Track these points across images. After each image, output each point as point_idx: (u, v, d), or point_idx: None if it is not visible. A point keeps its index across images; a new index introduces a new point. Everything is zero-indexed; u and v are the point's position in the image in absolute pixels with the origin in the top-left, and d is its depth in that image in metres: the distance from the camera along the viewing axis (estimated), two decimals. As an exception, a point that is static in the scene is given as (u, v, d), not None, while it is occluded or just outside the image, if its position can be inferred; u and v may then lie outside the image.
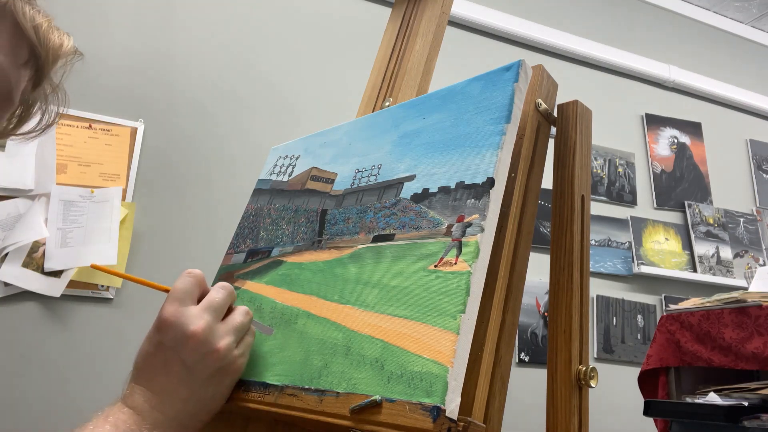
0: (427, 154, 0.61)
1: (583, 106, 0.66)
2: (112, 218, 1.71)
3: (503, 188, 0.53)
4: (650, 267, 2.46)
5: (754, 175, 2.91)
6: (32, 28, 0.54)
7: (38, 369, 1.59)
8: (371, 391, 0.46)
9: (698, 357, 1.41)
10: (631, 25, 2.88)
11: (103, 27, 1.87)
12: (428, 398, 0.42)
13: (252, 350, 0.61)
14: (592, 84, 2.70)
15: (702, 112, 2.90)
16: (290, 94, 2.08)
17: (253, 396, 0.55)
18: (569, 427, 0.56)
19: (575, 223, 0.62)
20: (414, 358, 0.45)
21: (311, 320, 0.58)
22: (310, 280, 0.62)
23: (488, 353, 0.50)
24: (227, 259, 0.79)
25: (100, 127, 1.80)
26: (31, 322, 1.62)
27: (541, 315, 2.24)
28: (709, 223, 2.67)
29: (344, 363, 0.50)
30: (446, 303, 0.47)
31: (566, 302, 0.60)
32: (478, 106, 0.59)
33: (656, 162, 2.70)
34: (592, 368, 0.58)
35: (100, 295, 1.68)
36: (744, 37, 3.19)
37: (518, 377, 2.08)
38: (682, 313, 1.49)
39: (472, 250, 0.48)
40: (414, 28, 0.89)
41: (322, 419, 0.48)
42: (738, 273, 2.63)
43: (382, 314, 0.51)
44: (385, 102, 0.85)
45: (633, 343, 2.36)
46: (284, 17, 2.15)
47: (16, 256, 1.61)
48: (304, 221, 0.70)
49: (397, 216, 0.58)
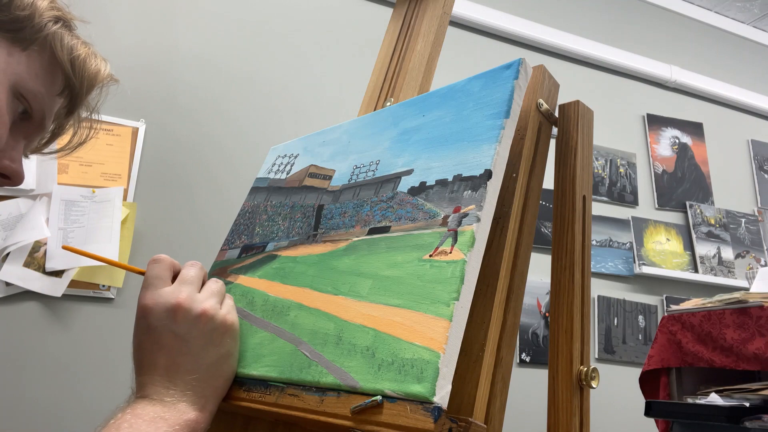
0: (425, 149, 0.61)
1: (585, 107, 0.66)
2: (114, 218, 1.71)
3: (501, 181, 0.53)
4: (651, 267, 2.46)
5: (755, 176, 2.91)
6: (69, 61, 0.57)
7: (39, 369, 1.59)
8: (361, 379, 0.46)
9: (699, 358, 1.41)
10: (633, 26, 2.88)
11: (104, 27, 1.87)
12: (419, 384, 0.42)
13: (242, 342, 0.61)
14: (594, 84, 2.69)
15: (703, 113, 2.90)
16: (292, 94, 2.08)
17: (254, 396, 0.55)
18: (570, 428, 0.56)
19: (576, 224, 0.62)
20: (406, 346, 0.46)
21: (303, 311, 0.58)
22: (303, 273, 0.62)
23: (489, 353, 0.50)
24: (221, 255, 0.79)
25: (102, 127, 1.79)
26: (33, 322, 1.62)
27: (543, 315, 2.23)
28: (710, 223, 2.67)
29: (335, 352, 0.50)
30: (440, 291, 0.47)
31: (567, 303, 0.60)
32: (478, 103, 0.59)
33: (657, 162, 2.70)
34: (593, 369, 0.58)
35: (102, 295, 1.68)
36: (745, 37, 3.19)
37: (519, 378, 2.08)
38: (683, 313, 1.49)
39: (468, 239, 0.48)
40: (415, 28, 0.89)
41: (322, 419, 0.48)
42: (739, 273, 2.62)
43: (375, 304, 0.51)
44: (386, 102, 0.85)
45: (634, 343, 2.36)
46: (285, 18, 2.15)
47: (18, 256, 1.61)
48: (300, 217, 0.70)
49: (394, 209, 0.58)
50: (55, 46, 0.56)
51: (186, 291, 0.56)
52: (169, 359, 0.54)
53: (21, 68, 0.54)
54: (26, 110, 0.56)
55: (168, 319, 0.54)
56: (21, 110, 0.56)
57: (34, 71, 0.55)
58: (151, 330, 0.54)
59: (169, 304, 0.54)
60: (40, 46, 0.55)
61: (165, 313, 0.54)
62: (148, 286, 0.56)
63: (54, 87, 0.58)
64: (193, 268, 0.59)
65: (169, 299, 0.54)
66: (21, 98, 0.55)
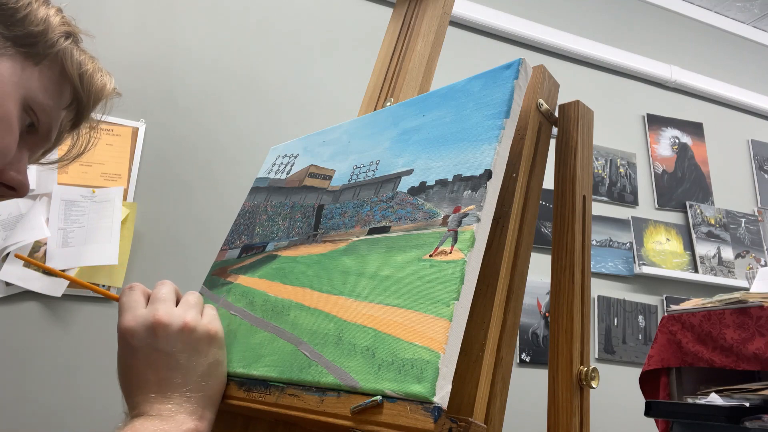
0: (425, 150, 0.61)
1: (585, 107, 0.66)
2: (114, 218, 1.71)
3: (501, 181, 0.53)
4: (651, 267, 2.46)
5: (755, 176, 2.91)
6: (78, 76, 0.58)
7: (40, 369, 1.59)
8: (361, 379, 0.46)
9: (699, 357, 1.41)
10: (633, 26, 2.88)
11: (103, 27, 1.87)
12: (419, 384, 0.42)
13: (242, 342, 0.61)
14: (594, 84, 2.69)
15: (703, 113, 2.90)
16: (292, 94, 2.08)
17: (254, 396, 0.55)
18: (570, 428, 0.56)
19: (576, 224, 0.62)
20: (406, 346, 0.46)
21: (303, 312, 0.58)
22: (303, 272, 0.62)
23: (489, 353, 0.50)
24: (221, 255, 0.79)
25: (102, 127, 1.79)
26: (33, 322, 1.62)
27: (543, 315, 2.24)
28: (710, 223, 2.67)
29: (335, 352, 0.51)
30: (440, 291, 0.47)
31: (567, 303, 0.60)
32: (478, 103, 0.59)
33: (657, 162, 2.70)
34: (593, 369, 0.58)
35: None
36: (745, 37, 3.19)
37: (519, 378, 2.08)
38: (683, 313, 1.49)
39: (468, 239, 0.49)
40: (415, 29, 0.89)
41: (323, 419, 0.48)
42: (739, 273, 2.62)
43: (375, 304, 0.51)
44: (386, 102, 0.85)
45: (634, 343, 2.36)
46: (286, 18, 2.15)
47: (18, 256, 1.61)
48: (300, 217, 0.70)
49: (394, 209, 0.58)
50: (66, 61, 0.57)
51: (163, 308, 0.56)
52: (158, 375, 0.54)
53: (33, 83, 0.54)
54: (33, 123, 0.57)
55: (150, 338, 0.54)
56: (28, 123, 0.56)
57: (44, 85, 0.56)
58: (135, 351, 0.55)
59: (148, 322, 0.55)
60: (51, 61, 0.56)
61: (146, 332, 0.55)
62: (124, 311, 0.57)
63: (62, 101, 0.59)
64: (164, 287, 0.60)
65: (147, 318, 0.55)
66: (30, 111, 0.55)
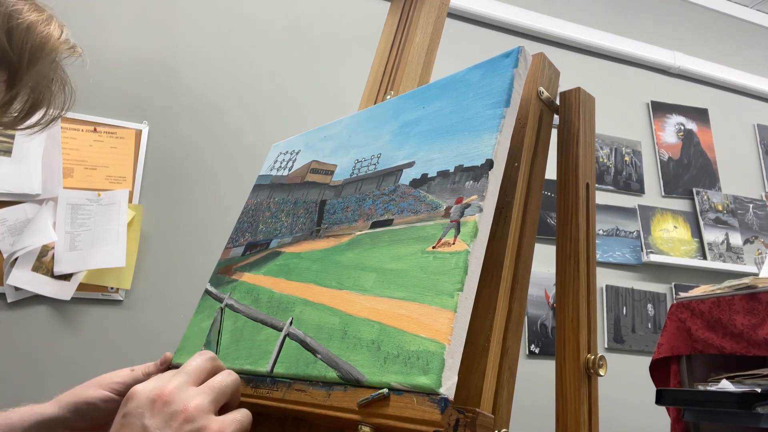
0: (426, 141, 0.61)
1: (586, 93, 0.65)
2: (120, 220, 1.72)
3: (502, 170, 0.53)
4: (659, 255, 2.44)
5: (762, 161, 2.88)
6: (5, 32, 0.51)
7: (50, 372, 1.60)
8: (367, 372, 0.46)
9: (710, 344, 1.40)
10: (635, 12, 2.85)
11: (105, 30, 1.88)
12: (425, 376, 0.42)
13: (249, 339, 0.60)
14: (596, 73, 2.68)
15: (708, 98, 2.88)
16: (293, 93, 2.08)
17: (262, 392, 0.55)
18: (579, 416, 0.55)
19: (580, 212, 0.62)
20: (411, 338, 0.46)
21: (308, 307, 0.58)
22: (308, 268, 0.63)
23: (495, 344, 0.49)
24: (226, 253, 0.79)
25: (105, 130, 1.80)
26: (42, 326, 1.63)
27: (551, 306, 2.23)
28: (717, 209, 2.65)
29: (341, 346, 0.51)
30: (444, 282, 0.47)
31: (573, 291, 0.60)
32: (478, 93, 0.59)
33: (663, 150, 2.68)
34: (600, 357, 0.57)
35: (110, 297, 1.69)
36: (749, 21, 3.16)
37: (529, 369, 2.08)
38: (692, 300, 1.48)
39: (471, 229, 0.48)
40: (413, 21, 0.89)
41: (330, 414, 0.48)
42: (748, 259, 2.61)
43: (379, 297, 0.51)
44: (386, 95, 0.85)
45: (644, 332, 2.35)
46: (285, 17, 2.15)
47: (26, 261, 1.62)
48: (303, 212, 0.71)
49: (396, 201, 0.58)
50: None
51: (177, 381, 0.49)
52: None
53: None
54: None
55: (145, 408, 0.47)
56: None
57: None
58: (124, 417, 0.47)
59: (153, 393, 0.48)
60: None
61: (145, 401, 0.47)
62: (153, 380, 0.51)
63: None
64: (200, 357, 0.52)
65: (155, 387, 0.48)
66: None
